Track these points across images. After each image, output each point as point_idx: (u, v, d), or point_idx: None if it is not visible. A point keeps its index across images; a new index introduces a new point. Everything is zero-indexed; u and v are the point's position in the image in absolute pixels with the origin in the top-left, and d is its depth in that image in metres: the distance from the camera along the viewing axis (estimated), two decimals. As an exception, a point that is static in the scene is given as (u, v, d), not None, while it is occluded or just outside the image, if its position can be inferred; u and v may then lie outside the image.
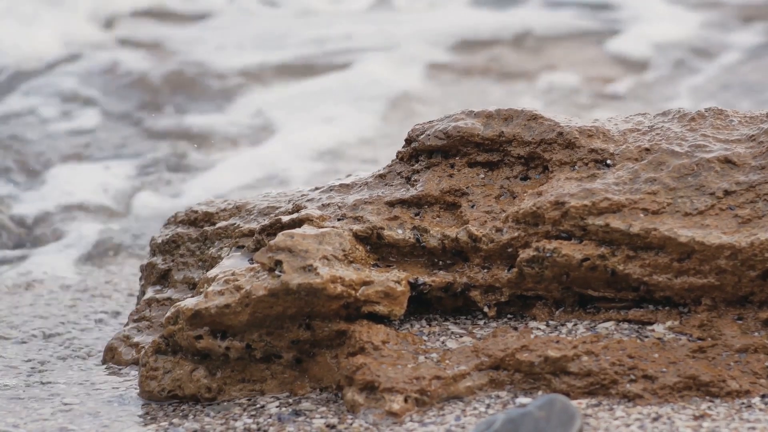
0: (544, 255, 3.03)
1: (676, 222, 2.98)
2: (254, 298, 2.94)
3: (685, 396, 2.83)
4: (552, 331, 3.03)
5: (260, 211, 3.45)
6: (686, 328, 2.97)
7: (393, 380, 2.87)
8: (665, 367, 2.87)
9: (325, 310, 2.96)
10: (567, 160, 3.17)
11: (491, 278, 3.10)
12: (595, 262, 3.01)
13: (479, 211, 3.17)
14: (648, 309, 3.04)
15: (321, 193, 3.37)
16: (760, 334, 2.93)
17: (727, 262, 2.92)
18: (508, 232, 3.09)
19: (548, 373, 2.89)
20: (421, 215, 3.21)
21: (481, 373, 2.92)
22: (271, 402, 2.98)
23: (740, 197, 3.01)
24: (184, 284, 3.51)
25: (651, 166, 3.09)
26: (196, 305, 2.98)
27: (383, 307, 3.01)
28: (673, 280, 2.97)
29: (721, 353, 2.91)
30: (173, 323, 3.03)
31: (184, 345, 3.02)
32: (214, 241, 3.49)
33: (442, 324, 3.12)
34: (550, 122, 3.23)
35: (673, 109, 3.30)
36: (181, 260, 3.57)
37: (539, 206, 3.07)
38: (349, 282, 2.96)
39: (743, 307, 2.97)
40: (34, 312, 3.86)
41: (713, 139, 3.15)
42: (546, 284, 3.07)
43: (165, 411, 3.01)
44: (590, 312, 3.07)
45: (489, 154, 3.26)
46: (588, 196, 3.04)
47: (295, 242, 3.01)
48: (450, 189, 3.23)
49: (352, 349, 2.95)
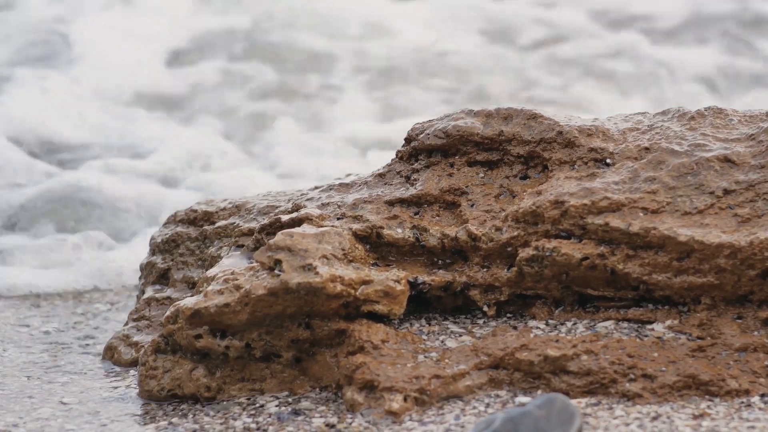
0: (544, 254, 3.03)
1: (675, 221, 2.98)
2: (254, 298, 2.94)
3: (685, 395, 2.83)
4: (551, 330, 3.03)
5: (259, 210, 3.45)
6: (686, 327, 2.97)
7: (392, 379, 2.87)
8: (665, 366, 2.87)
9: (325, 309, 2.96)
10: (566, 159, 3.17)
11: (491, 277, 3.10)
12: (595, 261, 3.01)
13: (479, 211, 3.17)
14: (647, 308, 3.04)
15: (320, 192, 3.37)
16: (759, 333, 2.93)
17: (726, 261, 2.92)
18: (508, 232, 3.09)
19: (548, 373, 2.89)
20: (421, 214, 3.20)
21: (481, 373, 2.92)
22: (270, 401, 2.98)
23: (740, 196, 3.01)
24: (183, 283, 3.51)
25: (650, 165, 3.09)
26: (196, 304, 2.98)
27: (383, 307, 3.01)
28: (672, 279, 2.97)
29: (720, 352, 2.91)
30: (173, 322, 3.03)
31: (183, 344, 3.02)
32: (214, 240, 3.49)
33: (442, 323, 3.12)
34: (550, 121, 3.23)
35: (673, 108, 3.30)
36: (181, 259, 3.57)
37: (539, 205, 3.07)
38: (348, 281, 2.96)
39: (743, 306, 2.97)
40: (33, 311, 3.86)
41: (713, 138, 3.15)
42: (545, 283, 3.07)
43: (164, 410, 3.01)
44: (590, 311, 3.07)
45: (488, 153, 3.26)
46: (587, 195, 3.04)
47: (295, 241, 3.01)
48: (449, 188, 3.23)
49: (351, 348, 2.95)
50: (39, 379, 3.30)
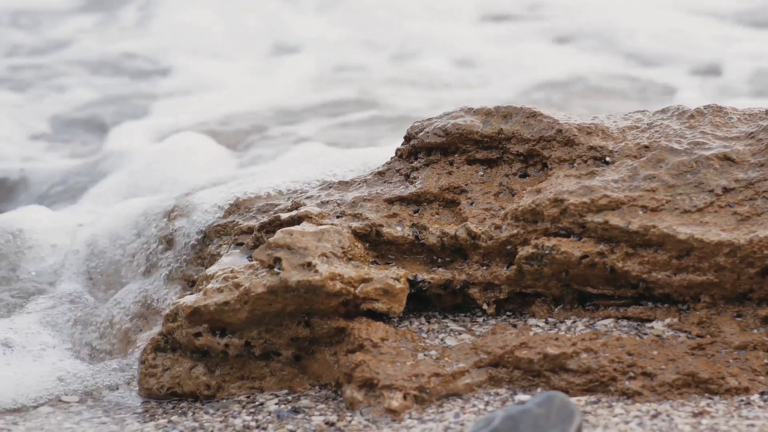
0: (543, 252, 3.03)
1: (675, 219, 2.98)
2: (253, 296, 2.94)
3: (684, 393, 2.83)
4: (551, 329, 3.03)
5: (259, 208, 3.45)
6: (685, 325, 2.97)
7: (392, 377, 2.87)
8: (664, 365, 2.87)
9: (324, 307, 2.96)
10: (566, 157, 3.17)
11: (490, 275, 3.10)
12: (594, 259, 3.01)
13: (478, 209, 3.17)
14: (647, 306, 3.04)
15: (320, 190, 3.38)
16: (759, 331, 2.93)
17: (726, 259, 2.92)
18: (507, 230, 3.09)
19: (547, 371, 2.89)
20: (420, 212, 3.20)
21: (480, 371, 2.92)
22: (270, 399, 2.98)
23: (739, 194, 3.01)
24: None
25: (650, 164, 3.09)
26: (195, 302, 2.98)
27: (382, 305, 3.01)
28: (672, 278, 2.97)
29: (720, 350, 2.91)
30: (172, 320, 3.03)
31: (183, 342, 3.02)
32: (213, 238, 3.49)
33: (441, 321, 3.12)
34: (549, 119, 3.23)
35: (672, 106, 3.30)
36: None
37: (538, 203, 3.07)
38: (348, 279, 2.96)
39: (742, 304, 2.97)
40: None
41: (712, 136, 3.15)
42: (545, 281, 3.07)
43: (164, 408, 3.01)
44: (589, 309, 3.07)
45: (488, 152, 3.26)
46: (587, 193, 3.04)
47: (294, 239, 3.01)
48: (449, 186, 3.23)
49: (351, 346, 2.95)
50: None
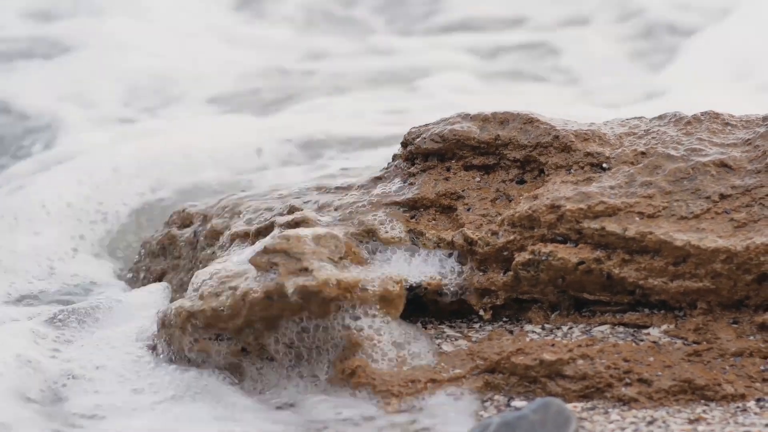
0: (540, 258, 3.03)
1: (671, 226, 2.98)
2: (249, 300, 2.93)
3: (681, 400, 2.83)
4: (547, 335, 3.03)
5: (256, 211, 3.45)
6: (682, 331, 2.97)
7: (388, 383, 2.86)
8: (660, 371, 2.87)
9: (321, 312, 2.96)
10: (563, 163, 3.17)
11: (487, 281, 3.10)
12: (591, 265, 3.01)
13: (475, 215, 3.17)
14: (643, 312, 3.04)
15: (317, 194, 3.37)
16: (755, 338, 2.93)
17: (722, 265, 2.92)
18: (504, 236, 3.09)
19: (543, 377, 2.88)
20: (417, 218, 3.20)
21: (477, 377, 2.92)
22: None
23: (736, 201, 3.01)
24: (178, 286, 3.51)
25: (647, 170, 3.09)
26: (191, 307, 2.97)
27: (379, 310, 3.00)
28: (668, 284, 2.97)
29: (716, 357, 2.91)
30: (168, 325, 3.02)
31: (178, 347, 3.02)
32: (209, 242, 3.49)
33: (438, 327, 3.11)
34: (546, 126, 3.23)
35: (669, 112, 3.30)
36: (175, 261, 3.57)
37: (535, 209, 3.07)
38: (344, 284, 2.96)
39: (739, 311, 2.97)
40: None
41: (709, 143, 3.15)
42: (541, 287, 3.07)
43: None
44: (586, 315, 3.07)
45: (485, 158, 3.26)
46: (584, 199, 3.04)
47: (291, 244, 3.01)
48: (446, 192, 3.23)
49: (347, 351, 2.95)
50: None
